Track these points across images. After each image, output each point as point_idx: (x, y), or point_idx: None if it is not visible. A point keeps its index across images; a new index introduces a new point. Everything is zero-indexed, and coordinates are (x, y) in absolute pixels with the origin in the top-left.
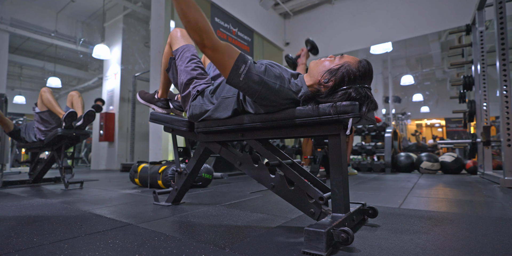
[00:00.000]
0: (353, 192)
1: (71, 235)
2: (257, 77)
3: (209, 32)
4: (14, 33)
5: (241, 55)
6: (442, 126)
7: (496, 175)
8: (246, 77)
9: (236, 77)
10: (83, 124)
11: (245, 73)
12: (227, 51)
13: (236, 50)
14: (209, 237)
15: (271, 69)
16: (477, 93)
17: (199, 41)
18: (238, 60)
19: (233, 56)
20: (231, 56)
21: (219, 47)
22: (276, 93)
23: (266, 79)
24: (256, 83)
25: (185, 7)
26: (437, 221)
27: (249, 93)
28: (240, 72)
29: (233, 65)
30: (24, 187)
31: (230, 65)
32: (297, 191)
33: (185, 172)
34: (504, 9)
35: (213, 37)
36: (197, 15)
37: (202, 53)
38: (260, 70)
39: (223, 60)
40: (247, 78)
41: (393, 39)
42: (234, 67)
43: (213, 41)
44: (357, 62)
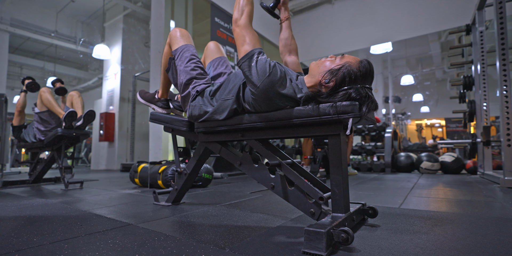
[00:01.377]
0: (353, 192)
1: (71, 235)
2: (266, 69)
3: (248, 16)
4: (14, 33)
5: (261, 49)
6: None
7: (496, 175)
8: (256, 65)
9: (248, 61)
10: (83, 124)
11: (257, 61)
12: (253, 36)
13: (259, 43)
14: (209, 237)
15: (279, 67)
16: (477, 93)
17: (235, 19)
18: (257, 49)
19: (256, 43)
20: (253, 41)
21: (249, 29)
22: (278, 89)
23: (273, 74)
24: (262, 72)
25: None
26: (437, 221)
27: (252, 82)
28: (254, 58)
29: (251, 50)
30: (24, 187)
31: (249, 47)
32: (297, 191)
33: (185, 172)
34: (504, 9)
35: (248, 20)
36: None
37: (202, 53)
38: (270, 65)
39: (245, 40)
40: (256, 66)
41: (393, 39)
42: (251, 51)
43: (246, 22)
44: (358, 62)
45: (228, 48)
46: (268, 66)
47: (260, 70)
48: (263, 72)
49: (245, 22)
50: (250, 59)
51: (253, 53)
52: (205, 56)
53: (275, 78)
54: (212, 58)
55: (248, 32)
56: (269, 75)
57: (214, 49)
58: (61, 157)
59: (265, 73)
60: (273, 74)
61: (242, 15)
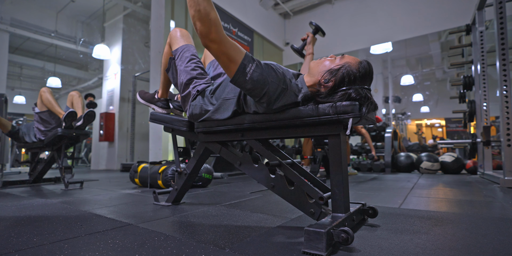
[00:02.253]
0: (353, 192)
1: (71, 235)
2: (263, 77)
3: (218, 26)
4: (14, 33)
5: (248, 54)
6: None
7: (496, 175)
8: (252, 77)
9: (242, 76)
10: (83, 124)
11: (251, 72)
12: (234, 48)
13: (242, 49)
14: (209, 237)
15: (276, 70)
16: (477, 93)
17: (205, 33)
18: (245, 59)
19: (240, 54)
20: (237, 53)
21: (226, 42)
22: (280, 94)
23: (271, 80)
24: (262, 83)
25: None
26: (437, 221)
27: (253, 93)
28: (246, 71)
29: (240, 63)
30: (24, 187)
31: (237, 62)
32: (297, 191)
33: (185, 172)
34: (504, 9)
35: (221, 31)
36: (209, 7)
37: (203, 53)
38: (266, 71)
39: (229, 57)
40: (253, 78)
41: (393, 39)
42: (241, 65)
43: (220, 35)
44: (357, 63)
45: None
46: (266, 74)
47: (258, 81)
48: (262, 82)
49: (220, 35)
50: (243, 74)
51: (245, 65)
52: (205, 56)
53: (275, 85)
54: (212, 58)
55: (228, 46)
56: (268, 83)
57: None
58: (61, 157)
59: (265, 81)
60: (272, 82)
61: (211, 27)
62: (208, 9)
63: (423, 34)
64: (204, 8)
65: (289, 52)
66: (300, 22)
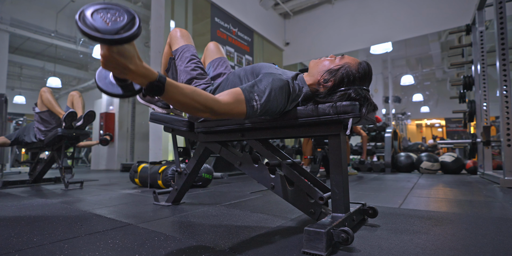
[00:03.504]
0: (353, 192)
1: (71, 235)
2: (269, 102)
3: (215, 104)
4: (14, 33)
5: (246, 94)
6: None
7: (496, 175)
8: (262, 109)
9: (253, 114)
10: (83, 124)
11: (260, 107)
12: (236, 102)
13: (238, 93)
14: (209, 237)
15: (274, 83)
16: (477, 93)
17: (210, 116)
18: (248, 101)
19: (241, 100)
20: (240, 102)
21: (230, 107)
22: (285, 101)
23: (277, 98)
24: (271, 106)
25: (182, 96)
26: (437, 221)
27: (264, 115)
28: (255, 109)
29: (247, 108)
30: (24, 187)
31: (244, 110)
32: (297, 191)
33: (185, 172)
34: (504, 9)
35: (220, 105)
36: (199, 97)
37: (203, 53)
38: (268, 93)
39: (238, 111)
40: (263, 109)
41: (393, 39)
42: (249, 109)
43: (222, 108)
44: (357, 63)
45: (228, 48)
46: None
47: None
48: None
49: (224, 109)
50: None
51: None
52: (205, 57)
53: (282, 100)
54: (212, 58)
55: (233, 108)
56: (277, 103)
57: (214, 50)
58: (61, 157)
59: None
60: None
61: (214, 113)
62: (200, 100)
63: (423, 34)
64: (199, 103)
65: (289, 52)
66: (300, 22)
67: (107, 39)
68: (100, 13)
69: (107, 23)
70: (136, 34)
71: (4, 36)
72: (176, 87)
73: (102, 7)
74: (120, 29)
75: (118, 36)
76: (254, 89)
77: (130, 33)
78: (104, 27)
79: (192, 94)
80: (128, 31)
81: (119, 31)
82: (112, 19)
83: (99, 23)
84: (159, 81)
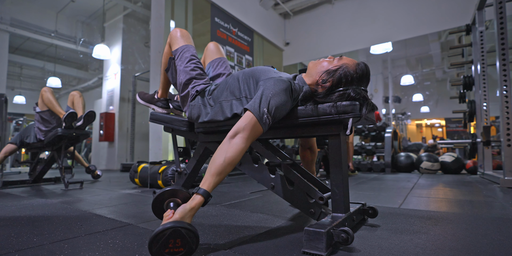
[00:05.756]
0: (353, 192)
1: (71, 235)
2: (278, 110)
3: (242, 151)
4: (14, 33)
5: (256, 113)
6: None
7: (496, 175)
8: (273, 119)
9: (268, 126)
10: (83, 124)
11: (272, 119)
12: (252, 129)
13: (250, 118)
14: (209, 237)
15: (277, 87)
16: (477, 93)
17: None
18: (260, 120)
19: (256, 123)
20: (255, 126)
21: (249, 140)
22: (291, 105)
23: (283, 103)
24: (281, 112)
25: (220, 178)
26: (437, 221)
27: (277, 120)
28: (269, 123)
29: (262, 126)
30: (24, 187)
31: (260, 130)
32: (297, 191)
33: (185, 172)
34: (504, 9)
35: (242, 146)
36: (230, 166)
37: (202, 53)
38: (274, 101)
39: (256, 134)
40: (275, 119)
41: (393, 39)
42: (263, 125)
43: (246, 145)
44: (355, 64)
45: (228, 48)
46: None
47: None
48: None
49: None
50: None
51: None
52: (205, 57)
53: (288, 105)
54: (212, 58)
55: (252, 134)
56: (284, 109)
57: (214, 50)
58: (61, 157)
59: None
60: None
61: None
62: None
63: (423, 34)
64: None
65: (289, 52)
66: (300, 22)
67: None
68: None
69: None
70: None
71: (4, 36)
72: (213, 184)
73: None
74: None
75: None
76: (261, 104)
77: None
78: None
79: (225, 171)
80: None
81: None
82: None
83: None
84: (205, 200)
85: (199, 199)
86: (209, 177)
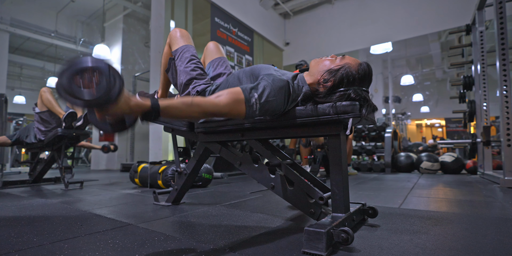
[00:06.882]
0: (353, 192)
1: (71, 235)
2: (269, 103)
3: (214, 108)
4: (14, 33)
5: (246, 94)
6: (442, 126)
7: (496, 175)
8: (261, 109)
9: (252, 114)
10: (83, 124)
11: (259, 107)
12: (235, 102)
13: (238, 92)
14: (209, 237)
15: (275, 83)
16: (477, 93)
17: (212, 117)
18: (247, 101)
19: (241, 100)
20: (239, 102)
21: (229, 107)
22: (285, 102)
23: (277, 98)
24: (270, 107)
25: (179, 113)
26: (437, 221)
27: (264, 115)
28: (254, 109)
29: (246, 107)
30: (24, 187)
31: (243, 110)
32: (297, 191)
33: (185, 172)
34: (504, 9)
35: (219, 108)
36: (197, 108)
37: (202, 53)
38: (268, 93)
39: (237, 111)
40: (262, 109)
41: (393, 39)
42: (248, 108)
43: (222, 110)
44: (357, 64)
45: (228, 48)
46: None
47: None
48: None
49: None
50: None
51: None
52: (205, 56)
53: (280, 101)
54: (212, 58)
55: (232, 105)
56: (276, 103)
57: (213, 50)
58: (61, 157)
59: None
60: (279, 101)
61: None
62: (198, 110)
63: (423, 34)
64: (195, 112)
65: (289, 52)
66: (300, 22)
67: (101, 104)
68: (77, 78)
69: (90, 88)
70: (121, 89)
71: (4, 36)
72: (171, 107)
73: (74, 71)
74: (108, 90)
75: (111, 97)
76: (254, 89)
77: (118, 89)
78: (91, 95)
79: (188, 108)
80: (116, 88)
81: (108, 93)
82: (91, 81)
83: (86, 94)
84: (153, 109)
85: (146, 101)
86: (172, 101)
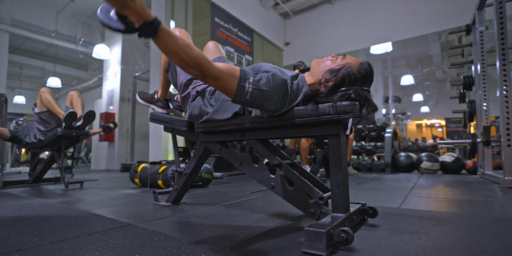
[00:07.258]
0: (353, 192)
1: (71, 235)
2: (262, 92)
3: (207, 64)
4: (14, 33)
5: (242, 73)
6: (442, 126)
7: (496, 175)
8: (252, 95)
9: (242, 96)
10: (83, 124)
11: (251, 91)
12: (229, 74)
13: (235, 69)
14: (209, 237)
15: (274, 78)
16: (477, 93)
17: (199, 75)
18: (240, 80)
19: (235, 76)
20: (233, 77)
21: (221, 74)
22: (282, 100)
23: (272, 91)
24: (262, 97)
25: (175, 46)
26: (437, 221)
27: (256, 106)
28: (245, 91)
29: (237, 85)
30: (24, 187)
31: (234, 87)
32: (297, 191)
33: (185, 172)
34: (504, 9)
35: (211, 66)
36: (191, 52)
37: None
38: (264, 83)
39: (228, 85)
40: (253, 96)
41: (393, 39)
42: (239, 87)
43: (213, 71)
44: (358, 64)
45: (228, 48)
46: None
47: (259, 97)
48: (263, 96)
49: (212, 71)
50: (242, 94)
51: (243, 86)
52: None
53: (275, 95)
54: (212, 58)
55: (224, 76)
56: (269, 95)
57: (213, 49)
58: (61, 157)
59: (265, 95)
60: (273, 93)
61: (201, 69)
62: (191, 54)
63: (423, 34)
64: (188, 55)
65: (289, 52)
66: (300, 22)
67: None
68: None
69: None
70: None
71: (4, 36)
72: (170, 34)
73: None
74: None
75: None
76: (252, 74)
77: None
78: None
79: (185, 46)
80: None
81: None
82: None
83: None
84: (152, 23)
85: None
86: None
